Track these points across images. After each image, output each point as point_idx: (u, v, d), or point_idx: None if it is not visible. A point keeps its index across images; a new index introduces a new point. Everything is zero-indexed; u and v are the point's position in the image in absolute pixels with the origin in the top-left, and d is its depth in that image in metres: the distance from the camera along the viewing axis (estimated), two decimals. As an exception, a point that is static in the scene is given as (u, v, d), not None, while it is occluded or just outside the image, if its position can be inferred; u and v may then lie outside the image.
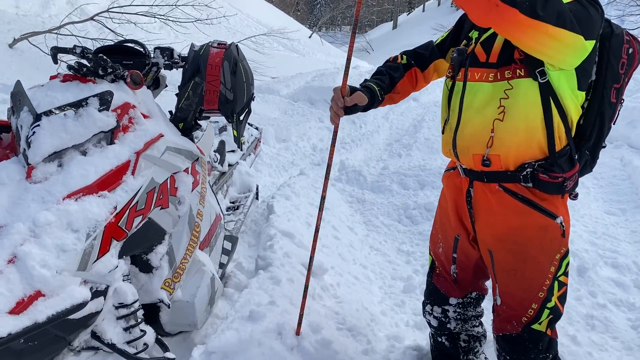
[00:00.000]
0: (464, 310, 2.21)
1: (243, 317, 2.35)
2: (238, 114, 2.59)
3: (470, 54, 1.83)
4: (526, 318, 1.88)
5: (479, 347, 2.31)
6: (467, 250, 2.08)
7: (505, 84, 1.72)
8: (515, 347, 1.92)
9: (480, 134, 1.80)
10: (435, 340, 2.35)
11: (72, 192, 1.93)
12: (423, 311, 2.32)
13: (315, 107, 10.11)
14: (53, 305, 1.76)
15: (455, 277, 2.17)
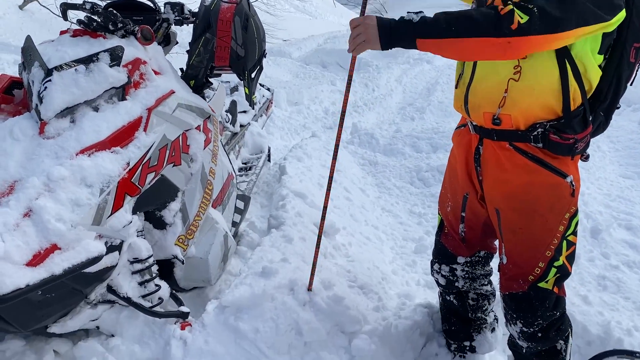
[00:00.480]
0: (472, 269, 2.20)
1: (256, 273, 2.37)
2: (249, 71, 2.56)
3: (489, 6, 1.73)
4: (532, 276, 1.88)
5: (487, 306, 2.31)
6: (476, 209, 2.06)
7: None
8: (521, 304, 1.91)
9: (493, 93, 1.76)
10: (444, 298, 2.36)
11: (85, 147, 1.93)
12: (431, 270, 2.32)
13: (327, 70, 10.01)
14: (69, 259, 1.79)
15: (463, 235, 2.16)
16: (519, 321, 1.93)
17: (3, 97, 2.13)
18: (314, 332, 2.18)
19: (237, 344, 2.11)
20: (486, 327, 2.34)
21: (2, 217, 1.70)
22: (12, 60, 5.78)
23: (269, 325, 2.13)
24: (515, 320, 1.95)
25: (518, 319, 1.93)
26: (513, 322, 1.96)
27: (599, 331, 2.56)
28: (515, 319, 1.94)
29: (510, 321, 1.98)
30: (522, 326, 1.93)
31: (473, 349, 2.33)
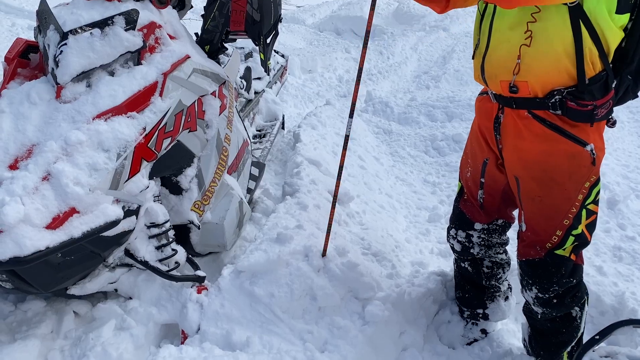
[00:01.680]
0: (489, 237, 2.20)
1: (271, 239, 2.39)
2: (265, 36, 2.53)
3: None
4: (550, 244, 1.88)
5: (502, 274, 2.32)
6: (495, 175, 2.05)
7: (533, 6, 1.62)
8: (537, 270, 1.93)
9: (507, 60, 1.74)
10: (458, 265, 2.37)
11: (102, 112, 1.93)
12: (447, 235, 2.32)
13: (341, 37, 9.86)
14: (87, 222, 1.81)
15: (481, 202, 2.15)
16: (534, 287, 1.95)
17: (19, 61, 2.13)
18: (328, 297, 2.20)
19: (252, 308, 2.14)
20: (500, 296, 2.35)
21: (22, 180, 1.72)
22: (27, 26, 5.77)
23: (284, 290, 2.16)
24: (530, 286, 1.96)
25: (533, 284, 1.95)
26: (529, 288, 1.98)
27: (613, 301, 2.56)
28: (531, 285, 1.96)
29: (525, 287, 2.00)
30: (538, 292, 1.95)
31: (486, 317, 2.35)
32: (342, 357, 2.03)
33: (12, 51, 2.16)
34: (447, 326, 2.41)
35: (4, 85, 2.04)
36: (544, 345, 2.08)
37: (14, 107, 1.91)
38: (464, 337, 2.36)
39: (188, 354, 1.95)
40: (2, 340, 1.98)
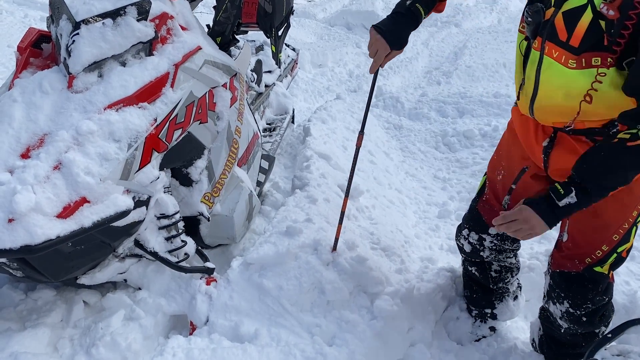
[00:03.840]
0: (501, 243, 2.11)
1: (280, 232, 2.39)
2: (276, 29, 2.51)
3: (548, 22, 1.58)
4: (590, 259, 1.81)
5: (510, 278, 2.27)
6: (530, 185, 1.96)
7: (593, 73, 1.51)
8: (572, 285, 1.85)
9: (562, 112, 1.65)
10: (465, 267, 2.33)
11: (113, 102, 1.93)
12: (458, 234, 2.24)
13: (352, 32, 9.82)
14: (98, 212, 1.81)
15: (505, 207, 2.04)
16: (566, 301, 1.87)
17: (32, 50, 2.13)
18: (336, 291, 2.20)
19: (261, 300, 2.14)
20: (508, 296, 2.32)
21: (33, 169, 1.73)
22: (39, 17, 5.80)
23: (293, 283, 2.15)
24: (562, 299, 1.88)
25: (566, 298, 1.87)
26: (559, 301, 1.89)
27: (625, 300, 2.53)
28: (563, 299, 1.88)
29: (555, 299, 1.91)
30: (569, 307, 1.86)
31: (494, 316, 2.32)
32: (350, 352, 2.03)
33: (24, 41, 2.16)
34: (455, 323, 2.40)
35: (16, 74, 2.04)
36: (559, 354, 2.02)
37: (26, 96, 1.92)
38: (472, 334, 2.34)
39: (197, 345, 1.96)
40: (13, 328, 2.00)
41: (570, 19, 1.52)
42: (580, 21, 1.50)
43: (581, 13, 1.50)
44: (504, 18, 10.77)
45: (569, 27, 1.53)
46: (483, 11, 11.09)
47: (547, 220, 1.61)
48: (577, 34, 1.51)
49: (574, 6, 1.51)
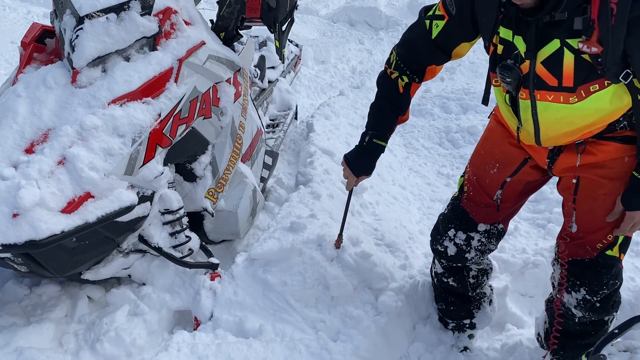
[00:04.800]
0: (488, 241, 2.06)
1: (284, 228, 2.38)
2: (280, 24, 2.50)
3: (529, 75, 1.58)
4: (602, 244, 1.80)
5: (486, 280, 2.23)
6: (529, 174, 1.95)
7: (594, 98, 1.54)
8: (586, 271, 1.83)
9: (571, 135, 1.68)
10: (440, 281, 2.24)
11: (117, 97, 1.92)
12: (440, 238, 2.10)
13: (355, 28, 9.79)
14: (102, 207, 1.81)
15: (498, 203, 2.03)
16: (582, 288, 1.84)
17: (35, 46, 2.13)
18: (341, 287, 2.19)
19: (265, 295, 2.14)
20: (485, 301, 2.28)
21: (37, 164, 1.72)
22: (42, 13, 5.80)
23: (297, 278, 2.15)
24: (578, 287, 1.85)
25: (582, 285, 1.84)
26: (575, 290, 1.86)
27: (630, 296, 2.52)
28: (579, 286, 1.85)
29: (571, 288, 1.87)
30: (586, 293, 1.84)
31: (473, 326, 2.28)
32: (354, 347, 2.02)
33: (28, 36, 2.15)
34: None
35: (20, 69, 2.04)
36: (568, 346, 2.00)
37: (30, 91, 1.91)
38: (454, 347, 2.28)
39: (201, 340, 1.96)
40: (17, 323, 2.00)
41: (553, 66, 1.53)
42: (565, 64, 1.50)
43: (561, 56, 1.50)
44: (508, 14, 10.70)
45: (556, 73, 1.53)
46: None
47: None
48: (567, 75, 1.52)
49: (550, 53, 1.51)
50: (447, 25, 1.76)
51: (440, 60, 1.90)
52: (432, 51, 1.85)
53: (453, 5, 1.72)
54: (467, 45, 1.84)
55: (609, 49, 1.41)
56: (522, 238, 3.06)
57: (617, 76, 1.47)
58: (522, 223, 3.22)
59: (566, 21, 1.44)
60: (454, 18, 1.73)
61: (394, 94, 1.98)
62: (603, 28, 1.39)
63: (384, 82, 2.01)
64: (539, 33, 1.50)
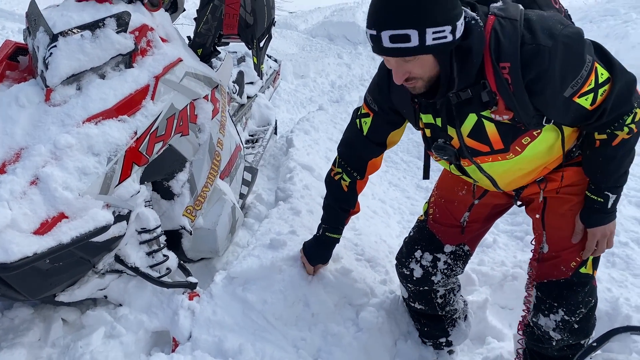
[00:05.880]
0: (454, 262, 2.07)
1: (264, 245, 2.36)
2: (258, 40, 2.50)
3: (461, 148, 1.66)
4: (575, 262, 1.82)
5: (454, 297, 2.22)
6: (496, 197, 1.98)
7: (531, 149, 1.63)
8: (563, 291, 1.84)
9: (528, 178, 1.77)
10: (408, 305, 2.25)
11: (92, 115, 1.89)
12: (405, 261, 2.10)
13: (334, 42, 9.89)
14: (76, 227, 1.77)
15: (464, 225, 2.06)
16: (560, 309, 1.84)
17: (8, 63, 2.09)
18: (321, 304, 2.17)
19: (245, 314, 2.11)
20: (459, 318, 2.29)
21: (9, 184, 1.68)
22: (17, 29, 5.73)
23: (277, 296, 2.12)
24: (556, 309, 1.84)
25: (560, 307, 1.84)
26: (553, 312, 1.85)
27: (607, 307, 2.54)
28: (557, 308, 1.84)
29: (548, 311, 1.87)
30: (564, 314, 1.84)
31: (449, 344, 2.29)
32: (336, 365, 2.00)
33: (0, 53, 2.12)
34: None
35: (-8, 87, 2.00)
36: None
37: (2, 110, 1.87)
38: None
39: (179, 361, 1.92)
40: (-12, 349, 1.94)
41: (478, 136, 1.61)
42: (488, 132, 1.58)
43: (482, 127, 1.58)
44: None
45: (484, 142, 1.61)
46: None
47: (613, 218, 1.78)
48: (494, 141, 1.60)
49: (471, 126, 1.59)
50: (373, 121, 1.91)
51: (377, 152, 2.04)
52: (367, 146, 1.99)
53: (374, 104, 1.88)
54: (397, 133, 1.98)
55: (519, 112, 1.49)
56: (500, 251, 3.08)
57: (540, 124, 1.55)
58: (500, 236, 3.24)
59: (473, 97, 1.52)
60: (377, 114, 1.89)
61: (340, 193, 2.11)
62: (505, 97, 1.48)
63: (329, 182, 2.13)
64: (456, 112, 1.58)
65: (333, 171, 2.11)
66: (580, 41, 1.47)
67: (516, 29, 1.43)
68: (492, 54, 1.43)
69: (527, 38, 1.42)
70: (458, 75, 1.46)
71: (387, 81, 1.76)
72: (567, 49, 1.43)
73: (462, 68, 1.45)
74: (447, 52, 1.42)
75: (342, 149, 2.09)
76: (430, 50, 1.37)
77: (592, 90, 1.50)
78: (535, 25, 1.44)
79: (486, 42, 1.44)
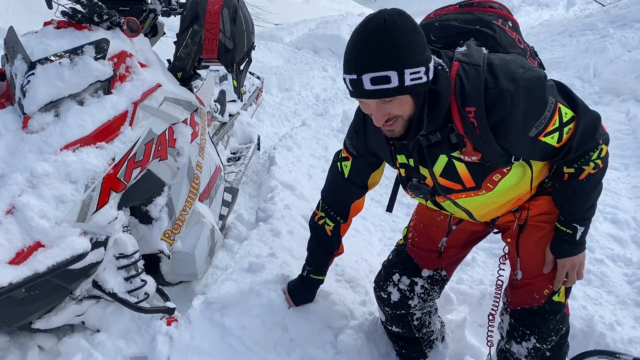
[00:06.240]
0: (431, 287, 2.10)
1: (242, 269, 2.37)
2: (238, 64, 2.53)
3: (435, 186, 1.73)
4: (548, 290, 1.87)
5: (429, 319, 2.24)
6: (474, 223, 2.02)
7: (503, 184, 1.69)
8: (536, 319, 1.88)
9: (502, 209, 1.83)
10: (386, 328, 2.27)
11: (70, 142, 1.90)
12: (383, 284, 2.14)
13: (319, 55, 9.94)
14: (53, 256, 1.77)
15: (441, 250, 2.10)
16: (533, 337, 1.88)
17: (-15, 89, 2.09)
18: (300, 328, 2.18)
19: (223, 340, 2.11)
20: (436, 339, 2.31)
21: (-16, 214, 1.68)
22: (-2, 44, 5.67)
23: (255, 321, 2.13)
24: (528, 336, 1.89)
25: (532, 334, 1.88)
26: (525, 339, 1.89)
27: (582, 325, 2.58)
28: (529, 335, 1.89)
29: (520, 338, 1.91)
30: (536, 342, 1.88)
31: None
32: (313, 389, 2.02)
33: (-22, 80, 2.12)
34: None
35: (-31, 114, 2.00)
36: None
37: (-21, 137, 1.88)
38: None
39: (156, 389, 1.92)
40: (-37, 378, 1.93)
41: (450, 176, 1.67)
42: (459, 172, 1.65)
43: (453, 167, 1.65)
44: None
45: (456, 180, 1.68)
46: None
47: (582, 249, 1.82)
48: (466, 180, 1.66)
49: (443, 167, 1.66)
50: (353, 164, 1.99)
51: (359, 194, 2.10)
52: (349, 189, 2.05)
53: (352, 149, 1.96)
54: (377, 173, 2.06)
55: (487, 153, 1.55)
56: (479, 269, 3.11)
57: (509, 162, 1.61)
58: (479, 253, 3.28)
59: (442, 140, 1.58)
60: (356, 157, 1.96)
61: (324, 237, 2.15)
62: (472, 139, 1.54)
63: (313, 226, 2.18)
64: (427, 153, 1.65)
65: (317, 215, 2.15)
66: (541, 84, 1.52)
67: (479, 74, 1.48)
68: (458, 99, 1.49)
69: (490, 83, 1.48)
70: (428, 117, 1.51)
71: (363, 126, 1.84)
72: (528, 92, 1.49)
73: (432, 111, 1.51)
74: (422, 92, 1.47)
75: (325, 193, 2.15)
76: (409, 90, 1.42)
77: (557, 129, 1.56)
78: (497, 69, 1.49)
79: (452, 88, 1.50)
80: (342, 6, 20.30)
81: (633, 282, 2.96)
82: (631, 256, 3.21)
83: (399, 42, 1.36)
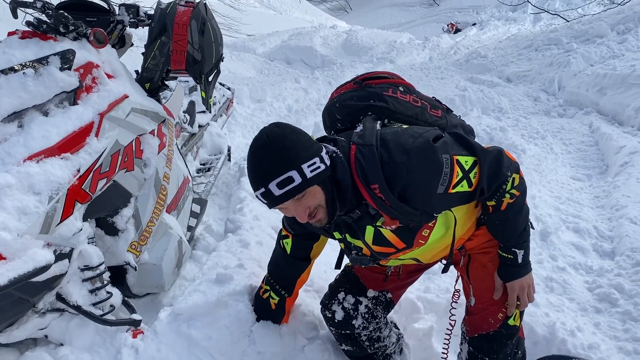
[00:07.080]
0: (374, 307, 2.15)
1: (210, 280, 2.37)
2: (206, 75, 2.54)
3: (372, 254, 1.84)
4: (502, 314, 1.93)
5: (381, 334, 2.25)
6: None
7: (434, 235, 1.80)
8: (493, 345, 1.94)
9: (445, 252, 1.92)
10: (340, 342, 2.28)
11: (34, 153, 1.88)
12: (328, 302, 2.19)
13: (291, 66, 10.00)
14: (15, 268, 1.74)
15: (388, 274, 2.17)
16: None
17: (-54, 99, 2.05)
18: (268, 339, 2.18)
19: (190, 352, 2.10)
20: (393, 352, 2.34)
21: (-57, 226, 1.65)
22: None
23: (223, 333, 2.13)
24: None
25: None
26: None
27: (545, 332, 2.65)
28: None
29: None
30: None
31: None
32: (281, 400, 2.02)
33: (-61, 89, 2.08)
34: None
35: None
36: None
37: (-61, 148, 1.84)
38: None
39: (121, 402, 1.89)
40: None
41: (381, 243, 1.79)
42: (388, 238, 1.77)
43: (381, 235, 1.77)
44: (435, 55, 11.29)
45: (387, 245, 1.79)
46: (416, 48, 11.58)
47: (527, 271, 1.91)
48: (396, 243, 1.79)
49: (372, 236, 1.79)
50: (293, 241, 2.14)
51: (304, 267, 2.22)
52: (293, 264, 2.19)
53: (290, 228, 2.13)
54: (319, 244, 2.19)
55: (404, 219, 1.66)
56: (446, 277, 3.16)
57: (432, 217, 1.73)
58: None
59: (363, 215, 1.70)
60: (296, 235, 2.12)
61: (268, 311, 2.23)
62: (386, 211, 1.64)
63: (258, 298, 2.27)
64: (355, 226, 1.77)
65: (262, 289, 2.24)
66: (430, 148, 1.61)
67: (373, 153, 1.59)
68: (362, 179, 1.60)
69: (385, 157, 1.59)
70: (338, 200, 1.62)
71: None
72: (420, 159, 1.59)
73: (340, 195, 1.62)
74: (327, 179, 1.58)
75: (271, 268, 2.26)
76: (314, 181, 1.54)
77: (463, 178, 1.66)
78: (390, 144, 1.60)
79: (352, 170, 1.61)
80: (314, 18, 20.49)
81: (593, 290, 3.06)
82: (592, 264, 3.31)
83: (287, 146, 1.51)
